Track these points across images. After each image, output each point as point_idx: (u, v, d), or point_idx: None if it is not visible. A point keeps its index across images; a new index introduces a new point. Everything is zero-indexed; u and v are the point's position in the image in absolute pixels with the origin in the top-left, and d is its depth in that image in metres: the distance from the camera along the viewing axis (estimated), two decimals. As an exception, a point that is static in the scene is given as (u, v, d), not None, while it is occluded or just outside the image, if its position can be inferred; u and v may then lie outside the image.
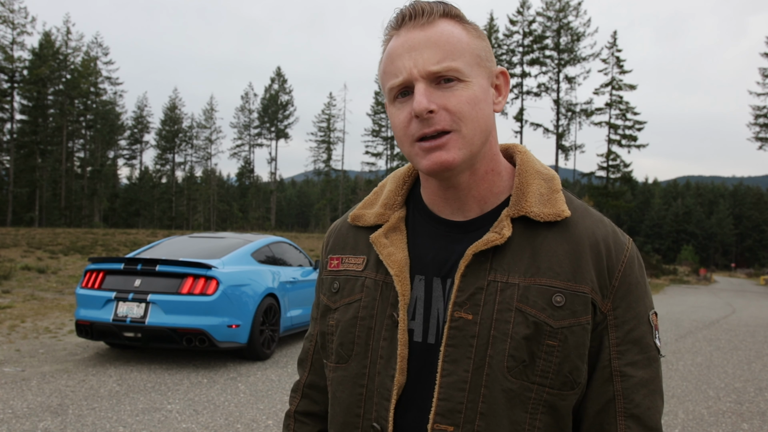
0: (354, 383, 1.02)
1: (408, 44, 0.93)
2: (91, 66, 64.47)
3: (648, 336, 0.97)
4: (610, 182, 52.36)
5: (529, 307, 0.93)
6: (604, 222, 1.01)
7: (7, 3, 53.61)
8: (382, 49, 1.00)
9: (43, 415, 4.87)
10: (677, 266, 62.94)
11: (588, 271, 0.95)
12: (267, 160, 79.57)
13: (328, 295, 1.10)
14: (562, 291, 0.93)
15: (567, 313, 0.93)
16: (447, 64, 0.91)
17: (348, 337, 1.03)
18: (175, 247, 7.91)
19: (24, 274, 16.44)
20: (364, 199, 1.15)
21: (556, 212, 0.97)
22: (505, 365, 0.92)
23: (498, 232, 0.96)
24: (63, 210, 59.35)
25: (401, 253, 1.02)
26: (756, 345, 10.34)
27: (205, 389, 5.86)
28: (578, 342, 0.93)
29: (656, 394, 0.97)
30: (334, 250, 1.13)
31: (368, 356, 1.01)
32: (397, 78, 0.93)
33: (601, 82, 57.27)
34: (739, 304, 21.43)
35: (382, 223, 1.07)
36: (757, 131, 53.29)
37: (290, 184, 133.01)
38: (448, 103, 0.91)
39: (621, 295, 0.96)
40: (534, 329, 0.92)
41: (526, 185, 1.00)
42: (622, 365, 0.95)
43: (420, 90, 0.91)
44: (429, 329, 0.98)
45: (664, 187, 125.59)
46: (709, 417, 5.61)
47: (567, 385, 0.93)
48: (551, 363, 0.92)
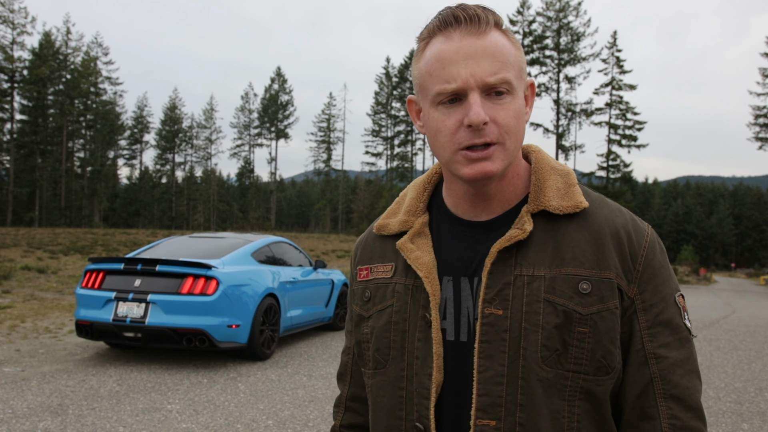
0: (393, 386, 1.04)
1: (464, 51, 0.93)
2: (91, 66, 64.49)
3: (677, 317, 0.99)
4: (610, 182, 52.39)
5: (557, 297, 0.95)
6: (622, 211, 1.03)
7: (7, 3, 53.65)
8: (420, 45, 0.99)
9: (43, 415, 4.87)
10: (677, 266, 62.92)
11: (611, 257, 0.97)
12: (267, 160, 79.65)
13: (360, 304, 1.12)
14: (588, 278, 0.95)
15: (594, 299, 0.95)
16: (501, 75, 0.92)
17: (384, 342, 1.05)
18: (175, 247, 7.91)
19: (24, 274, 16.44)
20: (387, 210, 1.17)
21: (574, 204, 0.99)
22: (539, 355, 0.94)
23: (520, 227, 0.98)
24: (63, 210, 59.37)
25: (428, 256, 1.04)
26: (756, 345, 10.34)
27: (205, 389, 5.86)
28: (608, 326, 0.95)
29: (693, 373, 0.98)
30: (362, 261, 1.15)
31: (405, 358, 1.03)
32: (450, 84, 0.93)
33: (601, 82, 57.35)
34: (739, 304, 21.43)
35: (407, 230, 1.09)
36: (757, 131, 53.35)
37: (290, 184, 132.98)
38: (498, 116, 0.93)
39: (646, 279, 0.98)
40: (564, 318, 0.94)
41: (543, 181, 1.02)
42: (656, 347, 0.96)
43: (477, 101, 0.92)
44: (461, 327, 1.00)
45: (664, 187, 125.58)
46: (709, 417, 5.61)
47: (602, 370, 0.95)
48: (584, 349, 0.94)
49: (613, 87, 53.50)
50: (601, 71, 54.17)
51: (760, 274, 60.12)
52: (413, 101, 1.06)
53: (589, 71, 55.58)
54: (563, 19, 54.65)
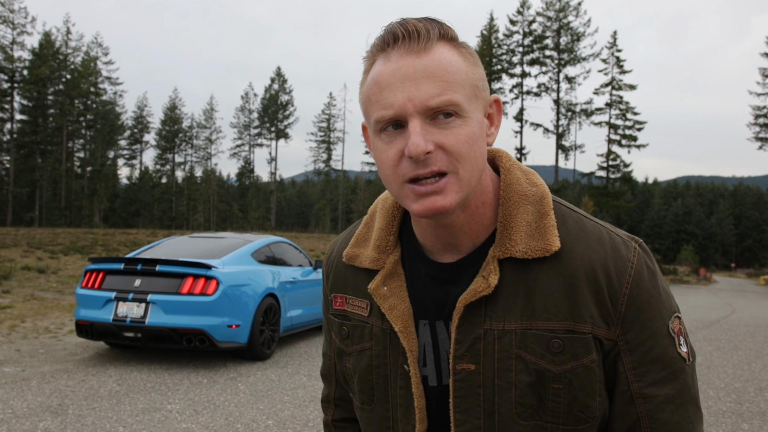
0: (381, 425, 1.04)
1: (401, 73, 0.83)
2: (91, 66, 64.51)
3: (669, 349, 0.92)
4: (610, 182, 52.40)
5: (528, 354, 0.90)
6: (602, 241, 0.93)
7: (7, 3, 53.65)
8: (364, 67, 0.90)
9: (43, 415, 4.87)
10: (677, 266, 62.95)
11: (586, 306, 0.89)
12: (267, 160, 79.65)
13: (339, 338, 1.09)
14: (559, 335, 0.89)
15: (567, 356, 0.89)
16: (446, 97, 0.82)
17: (367, 384, 1.04)
18: (175, 247, 7.91)
19: (24, 274, 16.44)
20: (356, 234, 1.08)
21: (544, 247, 0.90)
22: (513, 411, 0.91)
23: (485, 277, 0.91)
24: (63, 210, 59.37)
25: (403, 304, 0.98)
26: (756, 345, 10.34)
27: (205, 389, 5.86)
28: (583, 382, 0.90)
29: (686, 405, 0.93)
30: (336, 288, 1.10)
31: (389, 401, 1.02)
32: (387, 111, 0.83)
33: (601, 82, 57.33)
34: (739, 304, 21.43)
35: (378, 269, 1.02)
36: (757, 131, 53.35)
37: (290, 184, 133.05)
38: (446, 141, 0.83)
39: (630, 319, 0.91)
40: (536, 376, 0.90)
41: (511, 217, 0.93)
42: (642, 387, 0.91)
43: (416, 129, 0.82)
44: (442, 371, 0.98)
45: (664, 187, 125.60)
46: (709, 417, 5.61)
47: (581, 421, 0.92)
48: (560, 404, 0.91)
49: (613, 87, 53.51)
50: (601, 71, 54.19)
51: (760, 274, 60.13)
52: (365, 127, 0.95)
53: (589, 71, 55.61)
54: (563, 19, 54.65)
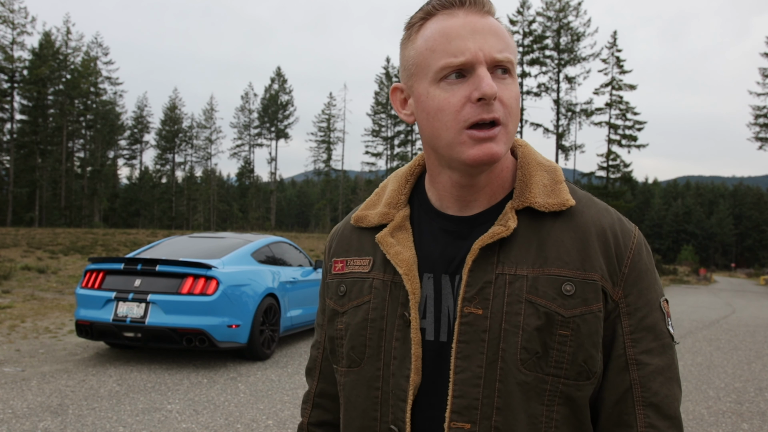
0: (368, 386, 1.00)
1: (471, 26, 0.90)
2: (91, 66, 64.47)
3: (661, 323, 0.96)
4: (610, 182, 52.36)
5: (539, 298, 0.91)
6: (609, 211, 1.00)
7: (7, 3, 53.62)
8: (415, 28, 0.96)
9: (43, 415, 4.87)
10: (677, 266, 62.96)
11: (596, 258, 0.93)
12: (267, 160, 79.61)
13: (335, 298, 1.08)
14: (572, 279, 0.92)
15: (578, 301, 0.91)
16: (507, 54, 0.90)
17: (359, 340, 1.01)
18: (175, 247, 7.92)
19: (24, 274, 16.44)
20: (366, 201, 1.12)
21: (560, 202, 0.96)
22: (518, 358, 0.91)
23: (503, 224, 0.94)
24: (63, 210, 59.34)
25: (409, 252, 1.00)
26: (756, 345, 10.34)
27: (205, 389, 5.86)
28: (591, 330, 0.92)
29: (673, 381, 0.96)
30: (337, 253, 1.10)
31: (381, 358, 0.99)
32: (457, 58, 0.89)
33: (601, 82, 57.33)
34: (739, 304, 21.43)
35: (387, 223, 1.04)
36: (757, 131, 53.32)
37: (290, 184, 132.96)
38: (503, 95, 0.90)
39: (632, 282, 0.95)
40: (545, 320, 0.91)
41: (529, 177, 0.99)
42: (637, 353, 0.94)
43: (487, 74, 0.88)
44: (440, 327, 0.97)
45: (664, 187, 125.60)
46: (709, 417, 5.61)
47: (582, 375, 0.92)
48: (565, 353, 0.91)
49: (613, 87, 53.47)
50: (601, 71, 54.12)
51: (760, 274, 60.09)
52: (399, 89, 1.01)
53: (589, 71, 55.53)
54: (563, 19, 54.61)
